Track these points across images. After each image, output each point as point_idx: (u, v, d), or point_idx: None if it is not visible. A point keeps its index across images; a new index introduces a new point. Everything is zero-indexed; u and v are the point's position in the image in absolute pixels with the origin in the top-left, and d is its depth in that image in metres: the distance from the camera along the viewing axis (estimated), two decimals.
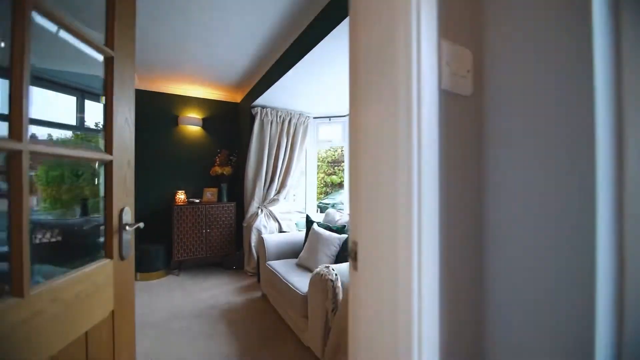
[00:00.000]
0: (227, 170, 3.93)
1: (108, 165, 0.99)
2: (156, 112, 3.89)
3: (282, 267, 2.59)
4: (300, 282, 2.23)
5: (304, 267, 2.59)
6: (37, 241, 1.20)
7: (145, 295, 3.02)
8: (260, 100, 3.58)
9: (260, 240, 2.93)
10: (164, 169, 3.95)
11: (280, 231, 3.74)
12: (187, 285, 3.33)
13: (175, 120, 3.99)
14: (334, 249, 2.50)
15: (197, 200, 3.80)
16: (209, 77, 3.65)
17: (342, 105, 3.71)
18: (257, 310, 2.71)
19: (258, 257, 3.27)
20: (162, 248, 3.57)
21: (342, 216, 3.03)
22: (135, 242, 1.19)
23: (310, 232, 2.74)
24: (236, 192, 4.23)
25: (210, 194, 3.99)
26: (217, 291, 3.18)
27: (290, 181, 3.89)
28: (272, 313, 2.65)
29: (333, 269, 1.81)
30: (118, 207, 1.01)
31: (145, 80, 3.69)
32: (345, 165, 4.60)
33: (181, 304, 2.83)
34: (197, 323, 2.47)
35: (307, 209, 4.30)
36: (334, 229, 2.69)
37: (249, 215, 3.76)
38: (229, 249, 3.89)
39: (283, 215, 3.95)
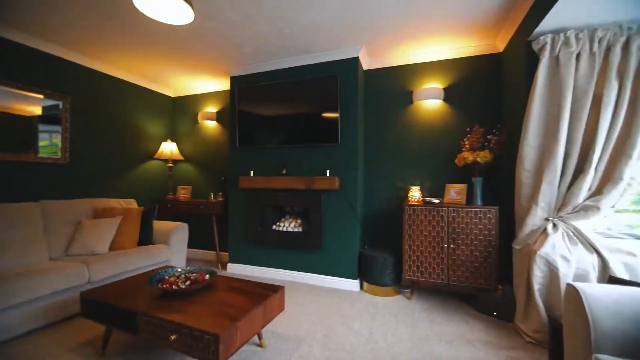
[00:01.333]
0: (482, 157, 2.51)
1: None
2: (384, 92, 3.23)
3: None
4: None
5: None
6: None
7: (365, 316, 2.33)
8: (551, 21, 1.90)
9: (573, 294, 1.30)
10: (394, 158, 3.19)
11: (612, 278, 1.75)
12: (418, 319, 2.29)
13: (408, 98, 3.13)
14: None
15: (437, 201, 2.69)
16: (449, 26, 2.45)
17: None
18: None
19: (551, 317, 1.62)
20: (390, 258, 2.79)
21: None
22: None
23: None
24: (499, 190, 2.70)
25: (455, 192, 2.75)
26: (461, 346, 1.90)
27: (629, 171, 1.83)
28: None
29: None
30: None
31: (375, 56, 3.11)
32: None
33: (401, 348, 1.83)
34: None
35: None
36: None
37: (526, 230, 2.13)
38: (487, 280, 2.43)
39: (613, 244, 1.94)
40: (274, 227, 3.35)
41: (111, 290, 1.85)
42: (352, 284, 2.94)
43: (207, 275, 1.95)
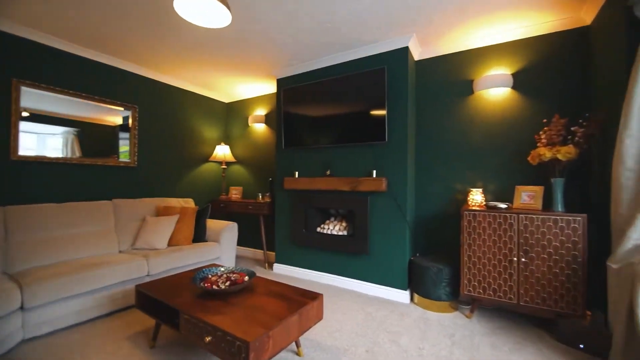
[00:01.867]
0: (564, 153, 2.06)
1: None
2: (438, 84, 2.90)
3: None
4: None
5: None
6: None
7: (414, 332, 2.08)
8: None
9: None
10: (450, 157, 2.85)
11: None
12: (479, 343, 1.96)
13: (468, 88, 2.77)
14: None
15: (504, 206, 2.30)
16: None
17: None
18: None
19: None
20: (446, 269, 2.48)
21: None
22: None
23: None
24: (588, 193, 2.21)
25: (528, 195, 2.32)
26: None
27: None
28: None
29: None
30: None
31: (427, 44, 2.82)
32: None
33: None
34: None
35: None
36: None
37: (629, 245, 1.66)
38: (570, 304, 1.99)
39: None
40: (318, 229, 3.27)
41: (161, 286, 1.95)
42: (401, 295, 2.70)
43: (247, 277, 1.93)
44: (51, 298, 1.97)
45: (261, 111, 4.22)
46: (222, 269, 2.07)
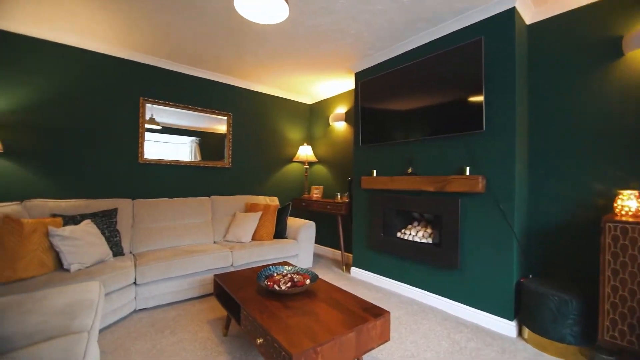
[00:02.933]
0: None
1: None
2: (562, 49, 2.14)
3: None
4: None
5: None
6: None
7: None
8: None
9: None
10: (582, 146, 2.07)
11: None
12: None
13: (612, 49, 1.95)
14: None
15: None
16: None
17: None
18: None
19: None
20: (574, 301, 1.79)
21: None
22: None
23: None
24: None
25: None
26: None
27: None
28: None
29: None
30: None
31: (543, 1, 2.13)
32: None
33: None
34: None
35: None
36: None
37: None
38: None
39: None
40: (398, 234, 2.93)
41: (235, 278, 2.05)
42: (505, 326, 2.11)
43: (308, 280, 1.83)
44: (156, 277, 2.34)
45: (341, 109, 4.12)
46: (288, 269, 2.04)
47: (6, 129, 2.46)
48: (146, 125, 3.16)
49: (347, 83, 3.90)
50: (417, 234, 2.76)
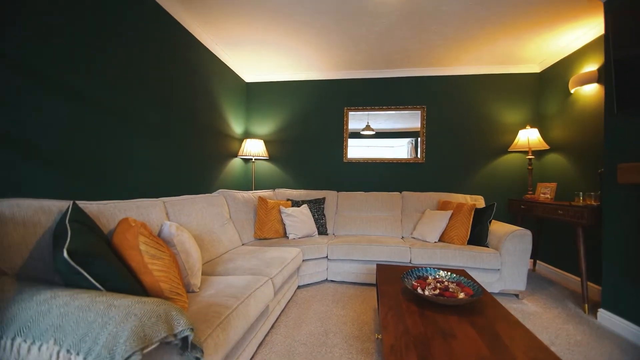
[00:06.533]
0: None
1: None
2: None
3: None
4: None
5: None
6: None
7: None
8: None
9: None
10: None
11: None
12: None
13: None
14: None
15: None
16: None
17: None
18: None
19: None
20: None
21: None
22: None
23: None
24: None
25: None
26: None
27: None
28: None
29: None
30: None
31: None
32: None
33: None
34: None
35: None
36: None
37: None
38: None
39: None
40: None
41: (397, 271, 2.00)
42: None
43: (462, 294, 1.43)
44: (340, 256, 2.75)
45: (591, 66, 2.73)
46: (453, 276, 1.70)
47: (269, 144, 3.90)
48: (362, 132, 3.76)
49: (594, 25, 2.54)
50: None
